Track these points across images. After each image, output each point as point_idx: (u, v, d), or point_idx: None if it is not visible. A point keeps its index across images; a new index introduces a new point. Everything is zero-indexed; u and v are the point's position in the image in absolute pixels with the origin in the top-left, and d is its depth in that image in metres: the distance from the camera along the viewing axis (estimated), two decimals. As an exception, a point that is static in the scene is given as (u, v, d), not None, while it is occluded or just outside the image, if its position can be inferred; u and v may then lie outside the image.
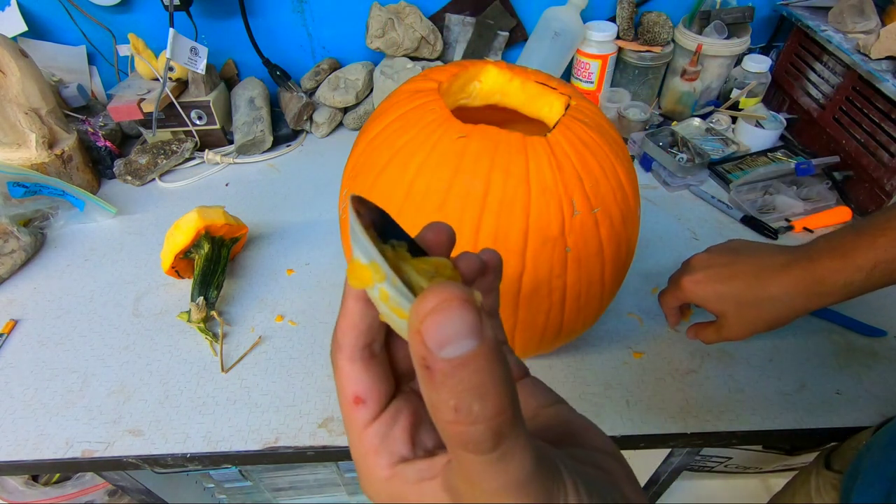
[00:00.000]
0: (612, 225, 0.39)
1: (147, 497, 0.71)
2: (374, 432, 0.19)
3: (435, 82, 0.43)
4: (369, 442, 0.19)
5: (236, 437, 0.48)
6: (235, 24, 0.83)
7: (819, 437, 0.49)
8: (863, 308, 0.58)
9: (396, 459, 0.18)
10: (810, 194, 0.72)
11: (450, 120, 0.38)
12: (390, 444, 0.18)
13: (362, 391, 0.19)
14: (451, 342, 0.13)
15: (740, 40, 0.80)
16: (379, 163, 0.40)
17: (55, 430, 0.49)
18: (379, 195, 0.39)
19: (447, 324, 0.13)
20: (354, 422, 0.19)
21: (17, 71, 0.67)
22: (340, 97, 0.85)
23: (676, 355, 0.54)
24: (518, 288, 0.38)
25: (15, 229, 0.65)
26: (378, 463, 0.18)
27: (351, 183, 0.43)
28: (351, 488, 0.96)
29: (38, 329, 0.58)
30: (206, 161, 0.83)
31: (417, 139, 0.38)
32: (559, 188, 0.36)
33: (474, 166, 0.36)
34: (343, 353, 0.19)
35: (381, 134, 0.41)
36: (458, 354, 0.13)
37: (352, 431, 0.19)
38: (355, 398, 0.19)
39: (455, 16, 0.86)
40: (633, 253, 0.45)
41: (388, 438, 0.19)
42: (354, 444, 0.19)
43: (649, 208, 0.73)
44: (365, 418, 0.19)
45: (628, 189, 0.41)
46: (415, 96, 0.41)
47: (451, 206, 0.36)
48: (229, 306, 0.60)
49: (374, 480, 0.18)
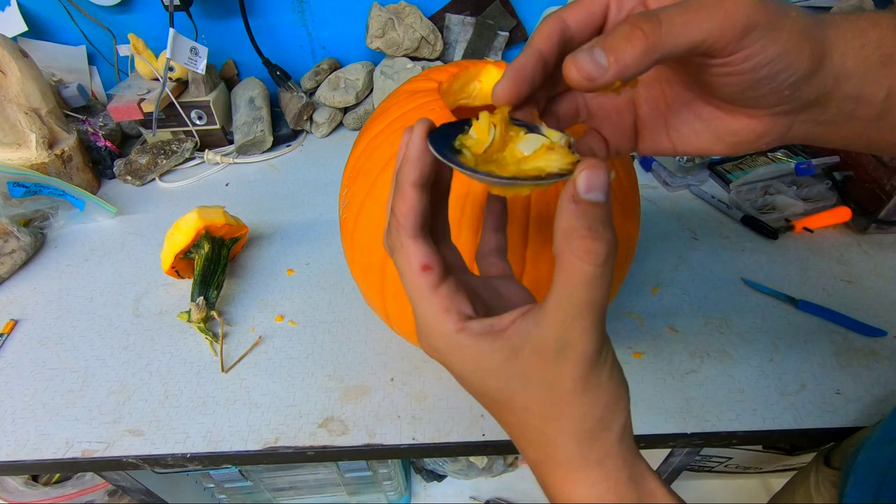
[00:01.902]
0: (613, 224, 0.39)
1: (147, 497, 0.71)
2: (444, 293, 0.22)
3: (435, 82, 0.43)
4: (439, 302, 0.22)
5: (236, 437, 0.48)
6: (235, 24, 0.83)
7: (819, 437, 0.49)
8: (863, 308, 0.58)
9: (464, 316, 0.22)
10: (810, 194, 0.72)
11: (449, 120, 0.38)
12: (458, 304, 0.22)
13: (428, 260, 0.23)
14: (594, 190, 0.19)
15: (740, 40, 0.80)
16: (379, 163, 0.40)
17: (55, 430, 0.49)
18: (379, 195, 0.39)
19: (595, 180, 0.19)
20: (423, 287, 0.23)
21: (17, 71, 0.67)
22: (340, 97, 0.85)
23: (676, 355, 0.54)
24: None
25: (15, 229, 0.65)
26: (449, 318, 0.22)
27: (351, 183, 0.43)
28: (351, 488, 0.96)
29: (38, 329, 0.58)
30: (206, 161, 0.83)
31: None
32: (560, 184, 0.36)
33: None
34: (406, 233, 0.23)
35: (382, 134, 0.41)
36: (596, 199, 0.19)
37: (421, 296, 0.23)
38: (423, 266, 0.23)
39: (455, 16, 0.86)
40: (633, 252, 0.45)
41: (456, 300, 0.22)
42: (424, 306, 0.23)
43: (649, 208, 0.73)
44: (433, 281, 0.23)
45: (628, 188, 0.41)
46: (415, 96, 0.41)
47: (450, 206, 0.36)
48: (229, 306, 0.60)
49: (444, 334, 0.22)
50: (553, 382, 0.21)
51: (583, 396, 0.21)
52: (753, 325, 0.57)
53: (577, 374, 0.20)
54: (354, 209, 0.42)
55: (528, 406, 0.22)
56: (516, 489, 1.15)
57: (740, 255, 0.65)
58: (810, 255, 0.65)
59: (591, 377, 0.21)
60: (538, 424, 0.22)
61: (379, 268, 0.41)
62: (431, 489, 1.15)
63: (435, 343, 0.23)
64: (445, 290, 0.23)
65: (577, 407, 0.21)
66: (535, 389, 0.21)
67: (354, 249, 0.44)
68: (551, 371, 0.21)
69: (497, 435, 0.48)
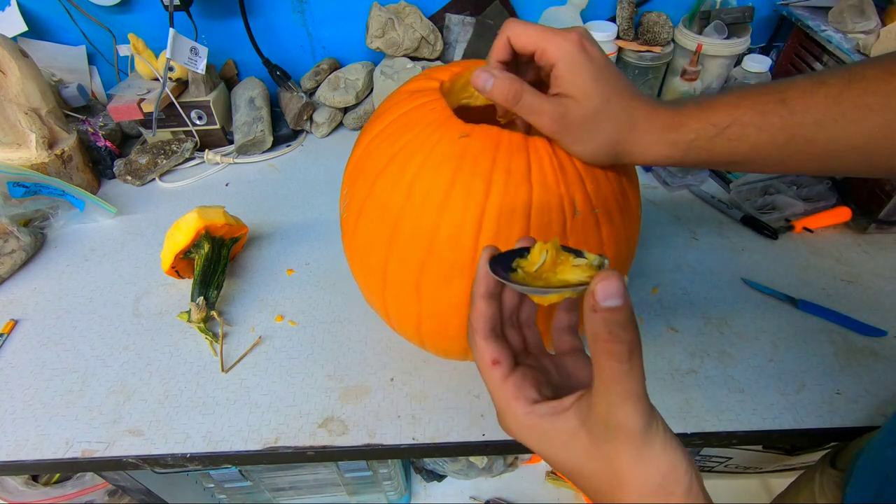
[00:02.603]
0: (613, 225, 0.39)
1: (147, 497, 0.71)
2: (512, 383, 0.27)
3: (437, 81, 0.42)
4: (509, 391, 0.27)
5: (236, 437, 0.48)
6: (235, 24, 0.83)
7: (819, 437, 0.49)
8: (863, 308, 0.58)
9: (530, 401, 0.27)
10: (810, 194, 0.72)
11: (451, 119, 0.38)
12: (525, 391, 0.27)
13: (497, 356, 0.28)
14: (611, 298, 0.21)
15: (740, 40, 0.80)
16: (379, 163, 0.40)
17: (55, 430, 0.49)
18: (379, 195, 0.39)
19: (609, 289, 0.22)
20: (495, 378, 0.28)
21: (17, 71, 0.67)
22: (340, 97, 0.85)
23: (676, 355, 0.54)
24: None
25: (15, 229, 0.65)
26: (518, 404, 0.27)
27: (352, 183, 0.43)
28: (351, 488, 0.96)
29: (38, 329, 0.58)
30: (206, 161, 0.83)
31: (418, 139, 0.38)
32: (561, 188, 0.36)
33: (475, 166, 0.36)
34: (479, 335, 0.28)
35: (382, 134, 0.41)
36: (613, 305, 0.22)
37: (493, 385, 0.28)
38: (493, 360, 0.28)
39: (455, 16, 0.86)
40: (633, 253, 0.45)
41: (523, 388, 0.27)
42: (497, 394, 0.28)
43: (649, 208, 0.73)
44: (502, 374, 0.28)
45: (629, 190, 0.41)
46: (415, 96, 0.41)
47: (452, 205, 0.36)
48: (229, 306, 0.60)
49: (516, 417, 0.27)
50: (610, 457, 0.24)
51: (639, 467, 0.23)
52: (753, 325, 0.57)
53: (630, 450, 0.23)
54: (355, 209, 0.42)
55: (595, 475, 0.25)
56: (516, 489, 1.15)
57: (740, 255, 0.65)
58: (810, 255, 0.65)
59: (644, 450, 0.23)
60: (607, 490, 0.25)
61: (380, 268, 0.41)
62: (431, 489, 1.15)
63: (509, 424, 0.28)
64: (514, 380, 0.27)
65: (637, 476, 0.24)
66: (597, 463, 0.24)
67: (355, 250, 0.44)
68: (607, 448, 0.24)
69: (497, 435, 0.48)
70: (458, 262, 0.37)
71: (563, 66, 0.33)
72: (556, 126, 0.34)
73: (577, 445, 0.25)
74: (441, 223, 0.37)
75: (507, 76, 0.34)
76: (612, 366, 0.22)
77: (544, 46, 0.33)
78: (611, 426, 0.23)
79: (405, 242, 0.38)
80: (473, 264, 0.37)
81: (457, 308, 0.39)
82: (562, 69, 0.33)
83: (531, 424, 0.26)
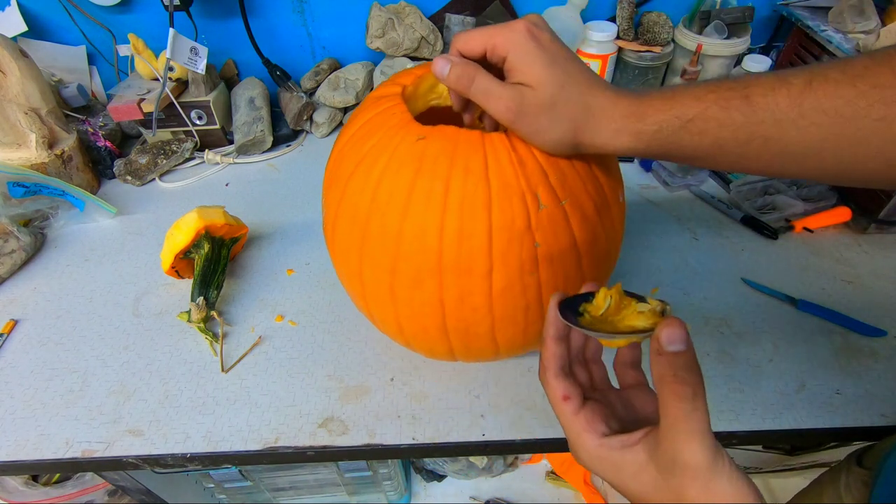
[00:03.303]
0: (585, 216, 0.38)
1: (147, 497, 0.71)
2: (583, 418, 0.29)
3: (399, 87, 0.43)
4: (580, 425, 0.29)
5: (236, 437, 0.48)
6: (235, 24, 0.83)
7: (819, 437, 0.49)
8: (863, 308, 0.58)
9: (601, 434, 0.28)
10: (810, 194, 0.72)
11: (410, 123, 0.38)
12: (595, 425, 0.29)
13: (567, 392, 0.30)
14: (675, 343, 0.25)
15: (740, 40, 0.80)
16: (347, 169, 0.40)
17: (55, 430, 0.49)
18: (350, 199, 0.39)
19: (673, 335, 0.25)
20: (566, 413, 0.30)
21: (17, 71, 0.67)
22: (340, 97, 0.85)
23: (676, 355, 0.54)
24: (489, 286, 0.38)
25: (15, 229, 0.65)
26: (590, 437, 0.28)
27: (326, 192, 0.43)
28: (351, 488, 0.96)
29: (38, 329, 0.58)
30: (206, 161, 0.83)
31: (381, 143, 0.38)
32: (521, 183, 0.36)
33: (434, 167, 0.36)
34: (550, 373, 0.31)
35: (350, 141, 0.41)
36: (677, 350, 0.25)
37: (565, 419, 0.30)
38: (564, 396, 0.30)
39: (455, 16, 0.86)
40: (618, 243, 0.44)
41: (593, 421, 0.29)
42: (568, 427, 0.30)
43: (649, 208, 0.73)
44: (573, 409, 0.30)
45: (603, 179, 0.40)
46: (379, 101, 0.42)
47: (413, 208, 0.36)
48: (229, 306, 0.60)
49: (587, 449, 0.29)
50: (678, 491, 0.25)
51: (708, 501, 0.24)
52: (753, 325, 0.57)
53: (696, 485, 0.24)
54: (332, 213, 0.42)
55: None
56: (516, 489, 1.15)
57: (740, 255, 0.65)
58: (810, 255, 0.65)
59: (711, 485, 0.24)
60: None
61: (357, 273, 0.41)
62: (431, 489, 1.15)
63: (582, 456, 0.29)
64: (585, 415, 0.29)
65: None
66: (666, 494, 0.26)
67: (336, 255, 0.44)
68: (674, 482, 0.25)
69: (497, 435, 0.48)
70: (425, 264, 0.37)
71: (513, 56, 0.33)
72: (511, 114, 0.34)
73: (646, 478, 0.26)
74: (405, 226, 0.37)
75: (463, 61, 0.34)
76: (678, 405, 0.24)
77: (493, 42, 0.33)
78: (678, 463, 0.24)
79: (375, 246, 0.39)
80: (441, 265, 0.37)
81: (431, 309, 0.39)
82: (513, 59, 0.33)
83: (602, 456, 0.28)
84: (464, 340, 0.42)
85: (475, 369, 0.53)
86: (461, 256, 0.36)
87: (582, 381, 0.33)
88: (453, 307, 0.39)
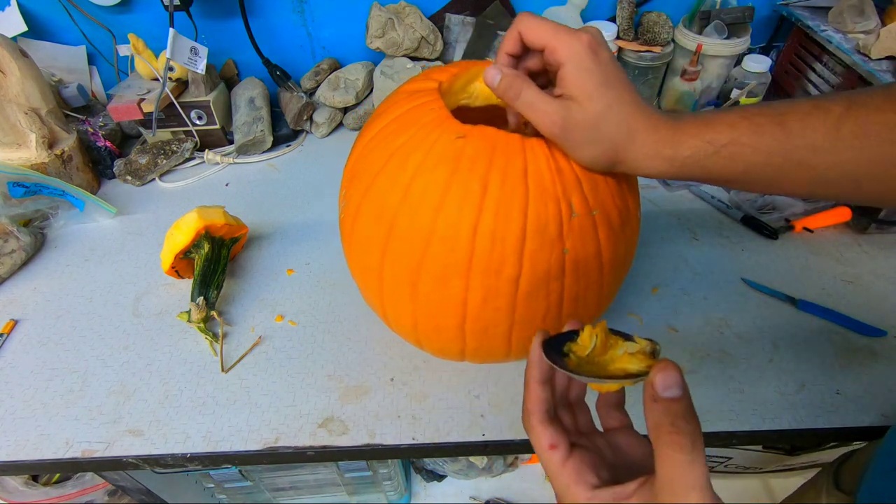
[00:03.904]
0: (611, 227, 0.39)
1: (147, 497, 0.71)
2: (571, 468, 0.28)
3: (435, 82, 0.42)
4: (568, 475, 0.27)
5: (236, 437, 0.48)
6: (235, 24, 0.83)
7: (819, 437, 0.49)
8: (863, 308, 0.58)
9: (591, 486, 0.27)
10: (810, 194, 0.72)
11: (448, 120, 0.38)
12: (584, 476, 0.27)
13: (554, 440, 0.28)
14: (671, 388, 0.23)
15: (740, 40, 0.80)
16: (377, 163, 0.40)
17: (55, 430, 0.49)
18: (376, 195, 0.39)
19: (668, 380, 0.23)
20: (553, 462, 0.28)
21: (17, 71, 0.67)
22: (340, 97, 0.85)
23: (676, 355, 0.54)
24: (515, 289, 0.38)
25: (15, 229, 0.65)
26: (580, 489, 0.27)
27: (349, 184, 0.43)
28: (351, 488, 0.96)
29: (38, 329, 0.58)
30: (206, 161, 0.83)
31: (415, 139, 0.38)
32: (557, 189, 0.36)
33: (472, 167, 0.36)
34: (535, 418, 0.29)
35: (380, 134, 0.41)
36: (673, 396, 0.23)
37: (552, 469, 0.28)
38: (550, 445, 0.28)
39: (455, 16, 0.86)
40: (632, 255, 0.45)
41: (582, 472, 0.27)
42: (556, 478, 0.28)
43: (649, 208, 0.73)
44: (561, 458, 0.28)
45: (629, 195, 0.41)
46: (414, 96, 0.41)
47: (448, 206, 0.36)
48: (229, 306, 0.60)
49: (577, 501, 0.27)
50: None
51: None
52: (753, 325, 0.57)
53: None
54: (353, 209, 0.42)
55: None
56: (516, 489, 1.15)
57: (740, 255, 0.65)
58: (810, 255, 0.65)
59: None
60: None
61: (376, 268, 0.41)
62: (431, 489, 1.15)
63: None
64: (573, 464, 0.28)
65: None
66: None
67: (353, 250, 0.44)
68: None
69: (497, 435, 0.48)
70: (453, 263, 0.37)
71: (570, 68, 0.33)
72: (556, 128, 0.34)
73: None
74: (437, 224, 0.37)
75: (512, 72, 0.35)
76: (676, 457, 0.23)
77: (555, 45, 0.33)
78: None
79: (401, 242, 0.38)
80: (469, 265, 0.37)
81: (453, 309, 0.39)
82: (569, 70, 0.33)
83: None
84: (480, 341, 0.42)
85: (475, 369, 0.53)
86: (493, 257, 0.36)
87: (567, 425, 0.31)
88: (476, 307, 0.39)
